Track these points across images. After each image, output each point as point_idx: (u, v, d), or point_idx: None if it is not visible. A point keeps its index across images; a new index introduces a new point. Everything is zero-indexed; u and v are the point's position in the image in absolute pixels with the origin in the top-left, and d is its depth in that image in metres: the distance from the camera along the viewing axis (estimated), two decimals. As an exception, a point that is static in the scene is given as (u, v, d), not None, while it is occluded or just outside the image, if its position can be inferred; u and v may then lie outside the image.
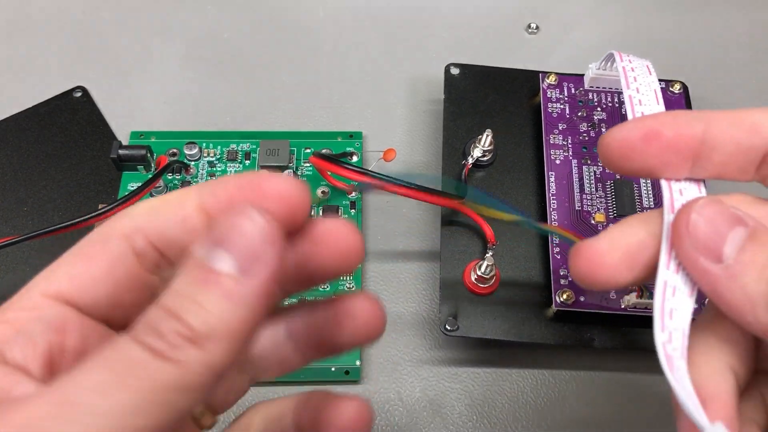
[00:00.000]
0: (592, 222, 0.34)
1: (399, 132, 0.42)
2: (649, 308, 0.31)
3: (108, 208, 0.32)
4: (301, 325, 0.21)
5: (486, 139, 0.35)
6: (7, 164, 0.39)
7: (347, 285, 0.35)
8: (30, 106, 0.41)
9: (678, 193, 0.20)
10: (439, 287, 0.33)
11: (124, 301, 0.17)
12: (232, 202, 0.17)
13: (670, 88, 0.38)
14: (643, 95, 0.31)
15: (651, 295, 0.30)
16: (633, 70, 0.30)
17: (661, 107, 0.33)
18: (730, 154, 0.19)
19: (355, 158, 0.39)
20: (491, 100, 0.39)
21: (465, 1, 0.48)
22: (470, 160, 0.36)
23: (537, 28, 0.46)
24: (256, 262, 0.15)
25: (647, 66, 0.31)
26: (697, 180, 0.20)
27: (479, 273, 0.32)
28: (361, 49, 0.45)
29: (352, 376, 0.33)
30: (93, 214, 0.32)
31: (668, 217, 0.19)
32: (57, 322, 0.16)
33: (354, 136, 0.40)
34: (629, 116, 0.32)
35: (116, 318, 0.18)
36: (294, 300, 0.21)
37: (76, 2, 0.47)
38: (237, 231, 0.15)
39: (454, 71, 0.40)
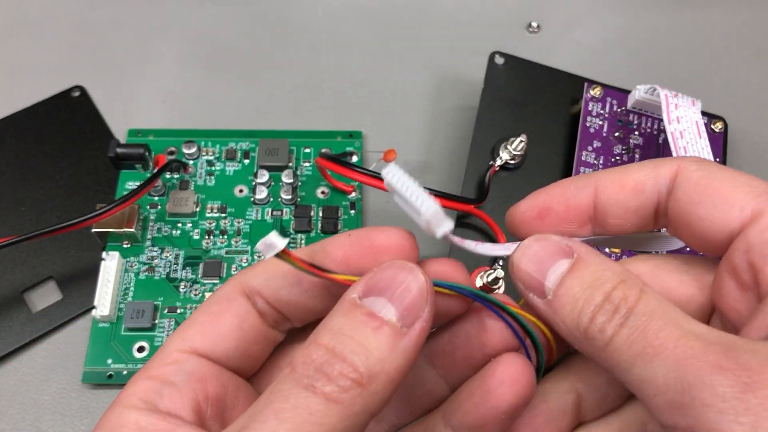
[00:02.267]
0: (607, 251, 0.33)
1: (399, 132, 0.41)
2: None
3: (107, 208, 0.32)
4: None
5: (519, 144, 0.34)
6: (5, 164, 0.39)
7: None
8: (28, 105, 0.41)
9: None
10: None
11: (252, 352, 0.19)
12: (347, 260, 0.18)
13: (712, 125, 0.36)
14: (684, 127, 0.31)
15: None
16: (676, 98, 0.30)
17: (705, 141, 0.33)
18: (621, 216, 0.20)
19: (354, 158, 0.39)
20: (530, 98, 0.37)
21: (465, 0, 0.47)
22: (498, 162, 0.35)
23: (538, 27, 0.46)
24: (416, 316, 0.16)
25: (692, 101, 0.31)
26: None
27: (486, 281, 0.32)
28: (360, 49, 0.45)
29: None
30: (91, 214, 0.31)
31: None
32: (197, 373, 0.18)
33: (354, 135, 0.40)
34: (672, 149, 0.32)
35: (246, 369, 0.19)
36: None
37: (74, 1, 0.46)
38: (401, 285, 0.16)
39: (499, 60, 0.38)
